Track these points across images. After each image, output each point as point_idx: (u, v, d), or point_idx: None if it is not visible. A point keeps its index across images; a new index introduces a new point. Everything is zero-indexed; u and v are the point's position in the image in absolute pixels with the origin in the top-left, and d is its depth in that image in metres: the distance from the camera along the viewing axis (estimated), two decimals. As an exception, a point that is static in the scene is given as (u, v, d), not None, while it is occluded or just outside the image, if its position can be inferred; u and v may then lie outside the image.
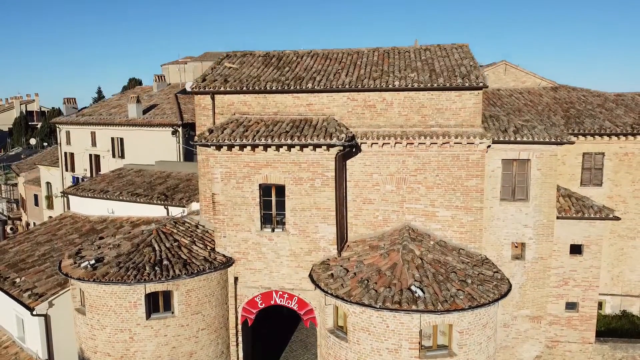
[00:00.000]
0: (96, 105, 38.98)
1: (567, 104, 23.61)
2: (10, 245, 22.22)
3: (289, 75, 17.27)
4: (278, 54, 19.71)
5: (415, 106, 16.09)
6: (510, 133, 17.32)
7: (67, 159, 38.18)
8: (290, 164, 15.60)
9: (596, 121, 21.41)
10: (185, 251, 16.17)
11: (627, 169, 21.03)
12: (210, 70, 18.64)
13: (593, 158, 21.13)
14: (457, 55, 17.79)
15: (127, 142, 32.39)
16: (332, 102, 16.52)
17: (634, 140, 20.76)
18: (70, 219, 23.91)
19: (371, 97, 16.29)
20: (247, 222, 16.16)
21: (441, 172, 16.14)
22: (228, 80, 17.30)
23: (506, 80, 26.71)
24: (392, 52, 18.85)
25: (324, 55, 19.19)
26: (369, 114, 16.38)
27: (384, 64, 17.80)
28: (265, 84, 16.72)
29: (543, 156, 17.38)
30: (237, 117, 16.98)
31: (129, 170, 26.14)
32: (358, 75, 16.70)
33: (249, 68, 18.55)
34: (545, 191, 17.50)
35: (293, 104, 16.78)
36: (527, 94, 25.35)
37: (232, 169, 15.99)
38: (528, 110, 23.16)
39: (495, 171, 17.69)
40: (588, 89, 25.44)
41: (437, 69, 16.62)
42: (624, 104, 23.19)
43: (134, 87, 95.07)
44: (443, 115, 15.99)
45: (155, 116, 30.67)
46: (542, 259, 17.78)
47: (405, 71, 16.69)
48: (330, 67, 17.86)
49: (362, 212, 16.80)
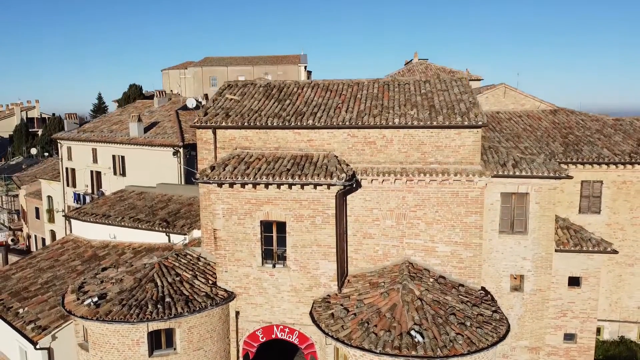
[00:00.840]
0: (97, 121, 39.12)
1: (566, 129, 23.77)
2: (13, 271, 22.38)
3: (290, 110, 17.42)
4: (279, 84, 19.87)
5: (415, 143, 16.25)
6: (509, 167, 17.50)
7: (68, 175, 38.32)
8: (292, 201, 15.76)
9: (594, 149, 21.57)
10: (187, 286, 16.33)
11: (625, 197, 21.19)
12: (212, 102, 18.80)
13: (591, 186, 21.28)
14: (457, 90, 17.94)
15: (129, 160, 32.53)
16: (333, 138, 16.68)
17: (632, 168, 20.91)
18: (72, 243, 24.06)
19: (371, 134, 16.44)
20: (248, 257, 16.32)
21: (441, 208, 16.30)
22: (230, 115, 17.46)
23: (505, 103, 26.88)
24: (392, 84, 19.00)
25: (325, 86, 19.34)
26: (369, 151, 16.54)
27: (384, 97, 17.96)
28: (266, 120, 16.87)
29: (542, 190, 17.55)
30: (238, 152, 17.13)
31: (131, 193, 26.29)
32: (358, 111, 16.86)
33: (250, 100, 18.70)
34: (544, 224, 17.67)
35: (294, 140, 16.93)
36: (526, 117, 25.51)
37: (233, 205, 16.15)
38: (527, 136, 23.32)
39: (494, 204, 17.88)
40: (586, 113, 25.61)
41: (436, 105, 16.78)
42: (622, 130, 23.35)
43: (135, 92, 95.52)
44: (442, 152, 16.14)
45: (156, 135, 30.81)
46: (541, 291, 17.94)
47: (405, 107, 16.85)
48: (331, 101, 18.01)
49: (363, 246, 16.96)
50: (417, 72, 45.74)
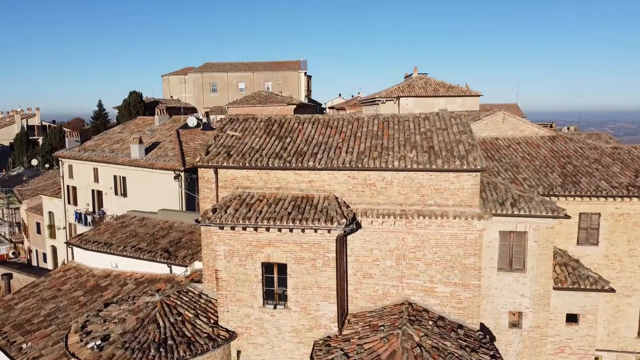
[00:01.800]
0: (98, 138, 39.30)
1: (564, 158, 23.96)
2: (16, 300, 22.58)
3: (291, 150, 17.60)
4: (280, 120, 20.04)
5: (414, 186, 16.44)
6: (507, 206, 17.70)
7: (69, 192, 38.52)
8: (292, 244, 15.95)
9: (592, 180, 21.75)
10: (189, 327, 16.51)
11: (622, 229, 21.38)
12: (213, 139, 18.97)
13: (589, 218, 21.47)
14: (456, 128, 18.13)
15: (130, 181, 32.72)
16: (333, 179, 16.86)
17: (630, 201, 21.10)
18: (74, 270, 24.24)
19: (371, 176, 16.63)
20: (249, 298, 16.51)
21: (440, 249, 16.49)
22: (231, 154, 17.64)
23: (504, 129, 27.09)
24: (391, 121, 19.19)
25: (325, 122, 19.53)
26: (369, 192, 16.72)
27: (384, 135, 18.14)
28: (267, 161, 17.05)
29: (540, 228, 17.75)
30: (240, 192, 17.31)
31: (132, 219, 26.47)
32: (358, 152, 17.04)
33: (252, 137, 18.88)
34: (542, 262, 17.88)
35: (295, 180, 17.11)
36: (525, 144, 25.70)
37: (235, 247, 16.34)
38: (526, 165, 23.52)
39: (492, 242, 18.12)
40: (585, 140, 25.81)
41: (435, 146, 16.96)
42: (620, 159, 23.54)
43: (135, 99, 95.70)
44: (442, 195, 16.33)
45: (157, 157, 30.99)
46: (539, 328, 18.14)
47: (404, 148, 17.03)
48: (331, 139, 18.19)
49: (363, 285, 17.14)
50: (417, 87, 46.03)
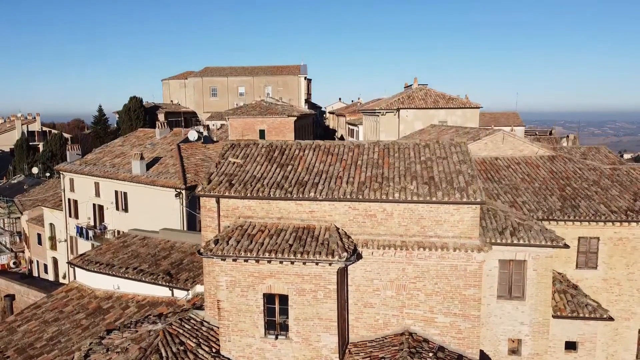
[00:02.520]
0: (99, 151, 39.42)
1: (564, 180, 24.11)
2: (18, 322, 22.72)
3: (292, 179, 17.75)
4: (281, 146, 20.18)
5: (414, 217, 16.59)
6: (507, 235, 17.86)
7: (70, 205, 38.66)
8: (294, 275, 16.09)
9: (591, 204, 21.90)
10: (191, 357, 16.63)
11: (621, 252, 21.53)
12: (215, 166, 19.10)
13: (588, 242, 21.62)
14: (456, 157, 18.27)
15: (131, 196, 32.87)
16: (334, 210, 17.01)
17: (629, 226, 21.25)
18: (77, 291, 24.38)
19: (372, 207, 16.78)
20: (251, 328, 16.66)
21: (440, 280, 16.63)
22: (233, 184, 17.78)
23: (504, 149, 27.23)
24: (392, 148, 19.33)
25: (326, 149, 19.67)
26: (369, 223, 16.87)
27: (384, 164, 18.29)
28: (269, 191, 17.19)
29: (539, 257, 17.91)
30: (241, 222, 17.45)
31: (134, 238, 26.61)
32: (359, 183, 17.18)
33: (253, 164, 19.02)
34: (541, 291, 18.04)
35: (296, 210, 17.26)
36: (525, 165, 25.85)
37: (237, 277, 16.49)
38: (525, 187, 23.67)
39: (492, 270, 18.28)
40: (584, 161, 25.96)
41: (436, 177, 17.11)
42: (619, 182, 23.69)
43: (135, 104, 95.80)
44: (442, 226, 16.48)
45: (159, 174, 31.12)
46: (538, 355, 18.29)
47: (405, 178, 17.18)
48: (332, 167, 18.34)
49: (363, 315, 17.28)
50: (417, 99, 46.17)
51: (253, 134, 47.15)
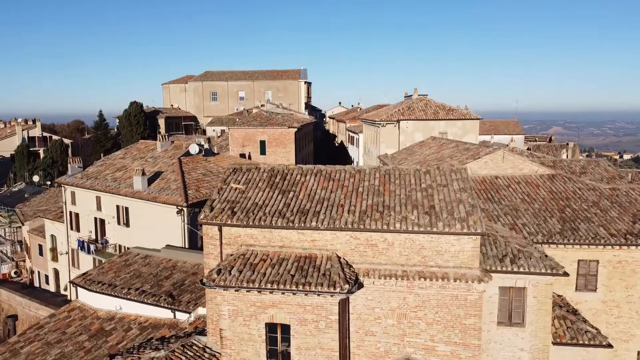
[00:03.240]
0: (100, 164, 39.55)
1: (564, 201, 24.25)
2: (21, 343, 22.85)
3: (294, 207, 17.88)
4: (282, 171, 20.31)
5: (415, 247, 16.73)
6: (507, 263, 17.99)
7: (72, 218, 38.79)
8: (296, 305, 16.24)
9: (591, 227, 22.05)
10: (194, 385, 16.80)
11: (620, 275, 21.68)
12: (217, 193, 19.23)
13: (588, 265, 21.77)
14: (457, 185, 18.40)
15: (132, 211, 33.00)
16: (336, 239, 17.15)
17: (628, 249, 21.39)
18: (79, 311, 24.51)
19: (373, 237, 16.92)
20: (253, 357, 16.79)
21: (440, 309, 16.77)
22: (235, 211, 17.92)
23: (504, 168, 27.38)
24: (392, 174, 19.46)
25: (327, 175, 19.80)
26: (371, 252, 17.01)
27: (385, 191, 18.42)
28: (270, 220, 17.33)
29: (539, 285, 18.03)
30: (243, 250, 17.59)
31: (136, 256, 26.74)
32: (360, 212, 17.32)
33: (255, 190, 19.16)
34: (541, 317, 18.15)
35: (298, 239, 17.40)
36: (525, 184, 25.99)
37: (239, 307, 16.63)
38: (525, 208, 23.81)
39: (492, 297, 18.37)
40: (583, 180, 26.10)
41: (436, 206, 17.25)
42: (618, 202, 23.84)
43: (135, 110, 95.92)
44: (442, 257, 16.62)
45: (160, 190, 31.25)
46: (538, 381, 18.41)
47: (406, 207, 17.31)
48: (333, 194, 18.48)
49: (364, 343, 17.41)
50: (417, 110, 46.33)
51: (254, 145, 47.32)
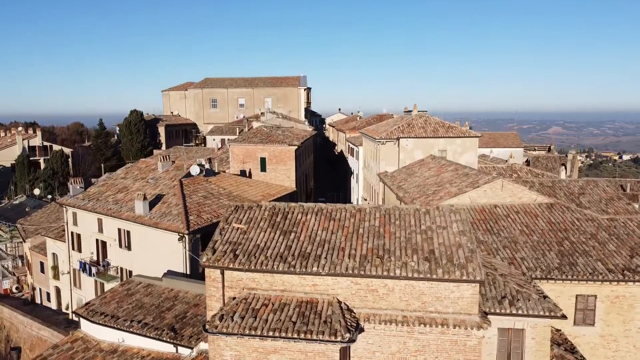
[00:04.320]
0: (101, 184, 39.74)
1: (562, 233, 24.48)
2: (25, 376, 23.06)
3: (295, 250, 18.10)
4: (284, 209, 20.53)
5: (415, 293, 16.95)
6: (505, 305, 18.23)
7: (73, 239, 38.98)
8: (297, 352, 16.46)
9: (589, 262, 22.27)
10: None
11: (618, 310, 21.92)
12: (219, 233, 19.43)
13: (586, 300, 22.00)
14: (456, 227, 18.62)
15: (134, 235, 33.19)
16: (337, 284, 17.37)
17: (625, 284, 21.62)
18: (82, 342, 24.72)
19: (374, 282, 17.15)
20: (255, 401, 17.01)
21: (440, 354, 16.99)
22: (237, 254, 18.13)
23: (503, 196, 27.59)
24: (393, 214, 19.68)
25: (328, 214, 20.01)
26: (371, 297, 17.23)
27: (385, 233, 18.65)
28: (272, 264, 17.55)
29: (537, 326, 18.27)
30: (245, 294, 17.81)
31: (138, 285, 26.95)
32: (360, 257, 17.53)
33: (256, 231, 19.37)
34: (539, 359, 18.38)
35: (299, 283, 17.62)
36: (524, 214, 26.23)
37: (241, 352, 16.85)
38: (524, 241, 24.04)
39: (491, 338, 18.60)
40: (581, 210, 26.33)
41: (436, 250, 17.47)
42: (616, 234, 24.07)
43: (136, 118, 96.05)
44: (442, 303, 16.84)
45: (162, 215, 31.44)
46: (536, 421, 18.64)
47: (406, 252, 17.54)
48: (334, 236, 18.70)
49: (365, 385, 17.64)
50: (417, 127, 46.56)
51: (254, 161, 47.52)
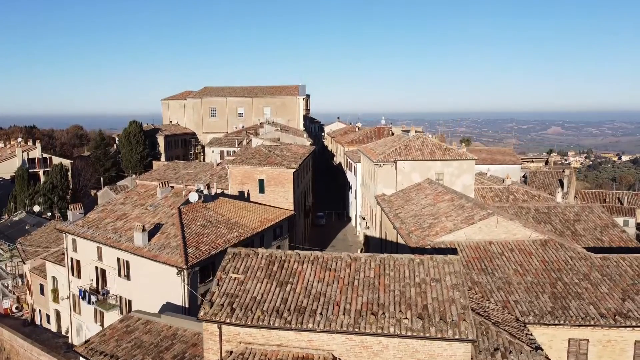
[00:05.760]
0: (100, 210, 40.03)
1: (555, 273, 24.83)
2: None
3: (291, 304, 18.43)
4: (280, 258, 20.86)
5: (409, 350, 17.28)
6: (498, 358, 18.54)
7: (73, 264, 39.28)
8: (293, 409, 16.79)
9: (581, 306, 22.60)
10: None
11: (609, 354, 22.23)
12: (216, 285, 19.76)
13: (578, 344, 22.32)
14: (449, 280, 18.95)
15: (133, 265, 33.49)
16: (332, 340, 17.70)
17: (617, 329, 21.94)
18: (82, 382, 25.04)
19: (368, 339, 17.47)
20: None
21: (433, 410, 17.32)
22: (234, 309, 18.46)
23: (498, 232, 27.93)
24: (387, 265, 20.02)
25: (324, 264, 20.34)
26: (366, 354, 17.56)
27: (380, 285, 18.99)
28: (269, 320, 17.88)
29: (529, 379, 18.58)
30: (242, 348, 18.14)
31: (137, 322, 27.25)
32: (355, 312, 17.86)
33: (253, 282, 19.70)
34: (532, 410, 18.72)
35: (295, 339, 17.95)
36: (518, 251, 26.58)
37: (238, 409, 17.17)
38: (518, 282, 24.38)
39: (484, 389, 18.91)
40: (575, 248, 26.67)
41: (429, 307, 17.80)
42: (608, 276, 24.41)
43: (135, 129, 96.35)
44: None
45: (160, 247, 31.74)
46: None
47: (400, 307, 17.86)
48: (330, 289, 19.04)
49: None
50: (414, 149, 46.91)
51: (252, 183, 47.84)
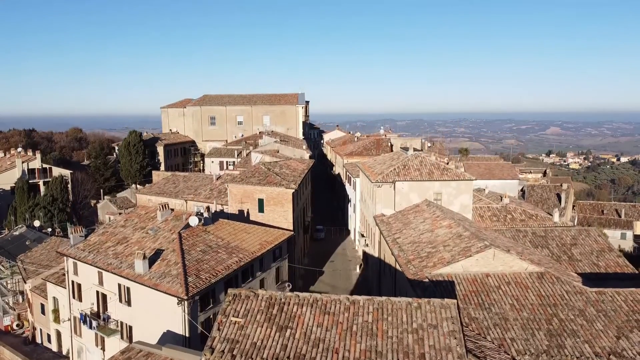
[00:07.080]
0: (101, 233, 40.33)
1: (551, 308, 25.19)
2: None
3: (291, 352, 18.75)
4: (280, 301, 21.18)
5: (406, 400, 17.61)
6: (494, 403, 18.88)
7: (74, 288, 39.59)
8: None
9: (577, 344, 22.96)
10: None
11: (605, 392, 22.60)
12: (217, 329, 20.06)
13: (573, 382, 22.68)
14: (446, 326, 19.29)
15: (134, 292, 33.80)
16: (331, 388, 18.02)
17: (611, 368, 22.32)
18: (84, 416, 25.36)
19: (366, 389, 17.79)
20: None
21: None
22: (234, 356, 18.77)
23: (495, 265, 28.29)
24: (385, 309, 20.37)
25: (323, 307, 20.68)
26: (364, 403, 17.88)
27: (378, 331, 19.32)
28: (269, 368, 18.21)
29: None
30: (243, 396, 18.45)
31: (138, 354, 27.55)
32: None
33: (253, 326, 20.02)
34: None
35: (295, 387, 18.26)
36: (514, 285, 26.93)
37: None
38: (514, 318, 24.72)
39: None
40: (571, 282, 27.03)
41: (427, 355, 18.12)
42: (603, 311, 24.77)
43: (134, 139, 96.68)
44: (432, 410, 17.50)
45: (161, 276, 32.04)
46: None
47: (397, 356, 18.19)
48: (329, 334, 19.37)
49: None
50: (412, 169, 47.24)
51: (252, 202, 48.16)
